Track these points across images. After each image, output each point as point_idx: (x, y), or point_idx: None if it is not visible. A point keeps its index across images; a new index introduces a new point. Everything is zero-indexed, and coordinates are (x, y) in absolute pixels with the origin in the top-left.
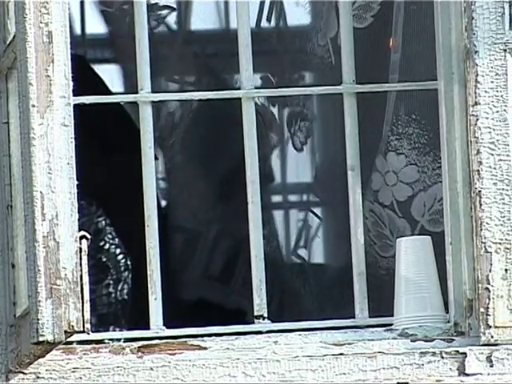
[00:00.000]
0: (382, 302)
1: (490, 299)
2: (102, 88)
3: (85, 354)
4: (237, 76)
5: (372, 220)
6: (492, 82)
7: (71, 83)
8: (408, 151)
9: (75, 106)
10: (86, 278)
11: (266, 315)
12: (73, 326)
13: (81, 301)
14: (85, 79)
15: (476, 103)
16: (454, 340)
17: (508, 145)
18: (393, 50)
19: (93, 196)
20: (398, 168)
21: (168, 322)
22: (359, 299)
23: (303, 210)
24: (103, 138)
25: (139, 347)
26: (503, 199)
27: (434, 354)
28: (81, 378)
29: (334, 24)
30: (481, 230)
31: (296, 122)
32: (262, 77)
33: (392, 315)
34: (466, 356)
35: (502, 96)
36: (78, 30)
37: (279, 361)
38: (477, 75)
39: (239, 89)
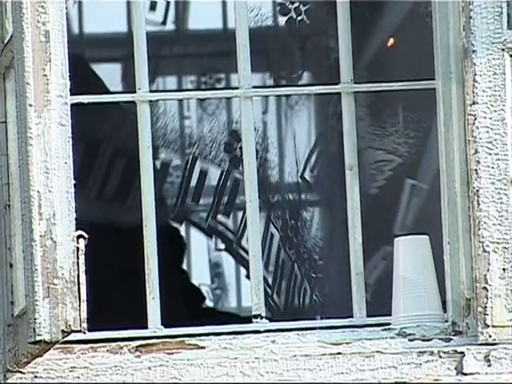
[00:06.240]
0: None
1: (487, 298)
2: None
3: (82, 353)
4: None
5: None
6: (490, 81)
7: (68, 82)
8: None
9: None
10: (83, 278)
11: (263, 314)
12: (70, 326)
13: (78, 300)
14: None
15: (474, 102)
16: (451, 339)
17: (506, 144)
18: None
19: None
20: None
21: None
22: (357, 298)
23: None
24: None
25: (137, 347)
26: (501, 198)
27: (431, 353)
28: (78, 377)
29: None
30: (479, 229)
31: None
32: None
33: (390, 314)
34: (463, 355)
35: (499, 95)
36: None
37: (277, 360)
38: (475, 74)
39: (237, 88)
